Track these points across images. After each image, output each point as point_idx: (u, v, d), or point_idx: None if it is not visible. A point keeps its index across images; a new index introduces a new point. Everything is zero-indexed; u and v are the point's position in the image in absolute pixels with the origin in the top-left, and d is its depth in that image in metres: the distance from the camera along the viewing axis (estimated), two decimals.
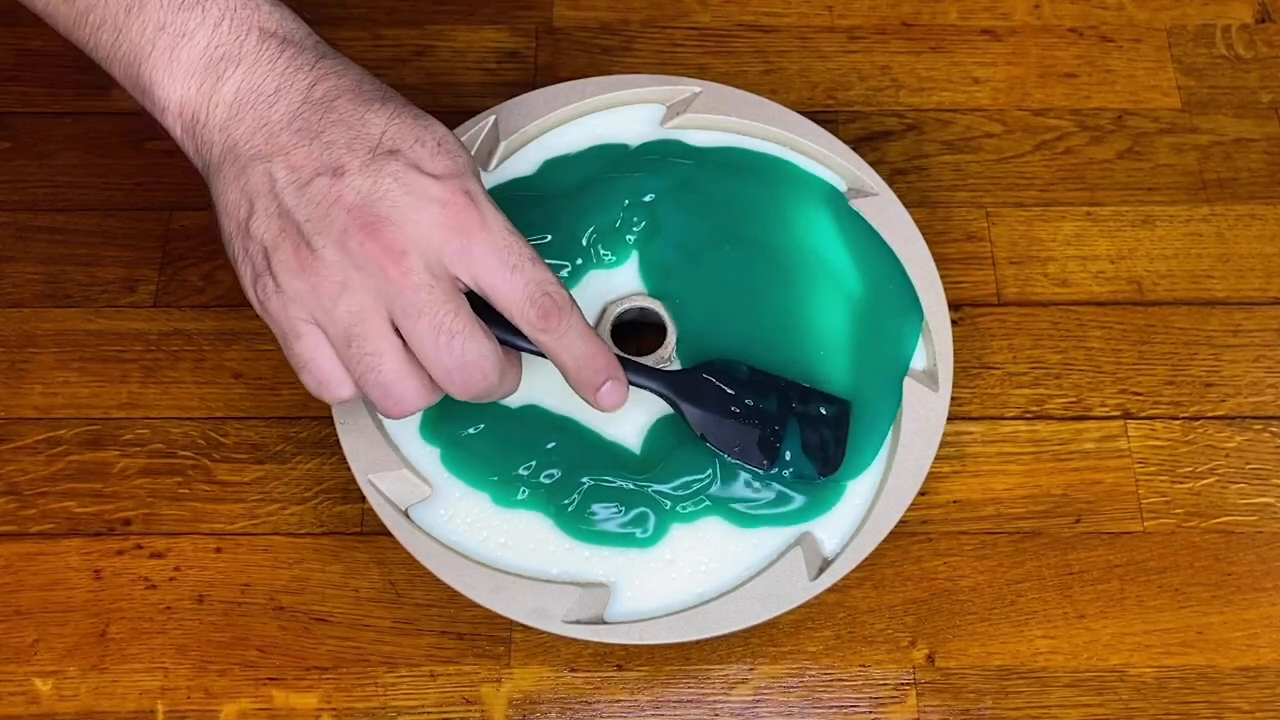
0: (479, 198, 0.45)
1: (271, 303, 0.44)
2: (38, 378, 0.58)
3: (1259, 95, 0.66)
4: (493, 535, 0.52)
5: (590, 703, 0.53)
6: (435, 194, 0.44)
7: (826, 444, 0.52)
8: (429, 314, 0.43)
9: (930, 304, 0.55)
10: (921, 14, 0.68)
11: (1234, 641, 0.54)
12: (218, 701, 0.52)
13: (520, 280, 0.45)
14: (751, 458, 0.51)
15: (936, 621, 0.54)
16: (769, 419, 0.52)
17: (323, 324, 0.44)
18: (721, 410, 0.51)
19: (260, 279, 0.44)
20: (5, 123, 0.64)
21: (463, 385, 0.45)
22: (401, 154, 0.44)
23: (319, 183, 0.43)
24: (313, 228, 0.43)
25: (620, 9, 0.68)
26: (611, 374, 0.48)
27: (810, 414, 0.52)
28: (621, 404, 0.49)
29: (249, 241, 0.44)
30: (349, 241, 0.43)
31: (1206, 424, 0.58)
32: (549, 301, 0.45)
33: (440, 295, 0.44)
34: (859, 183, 0.58)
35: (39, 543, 0.55)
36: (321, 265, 0.43)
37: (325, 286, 0.43)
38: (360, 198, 0.43)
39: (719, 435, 0.51)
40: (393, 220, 0.43)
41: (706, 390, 0.52)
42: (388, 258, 0.43)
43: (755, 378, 0.52)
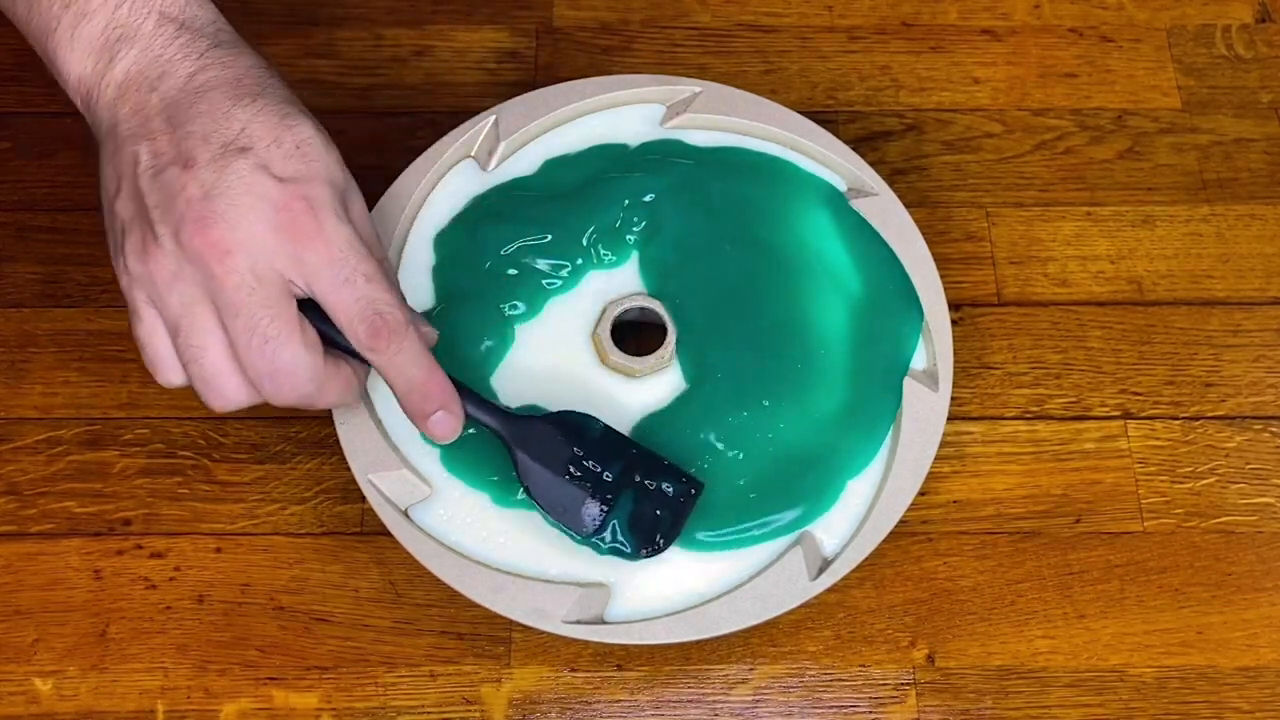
0: (321, 205, 0.44)
1: (121, 280, 0.45)
2: (38, 378, 0.58)
3: (1259, 95, 0.66)
4: (493, 535, 0.52)
5: (590, 703, 0.53)
6: (274, 197, 0.44)
7: (658, 522, 0.50)
8: (244, 315, 0.44)
9: (930, 304, 0.55)
10: (921, 14, 0.68)
11: (1234, 641, 0.54)
12: (218, 701, 0.52)
13: (350, 296, 0.44)
14: (571, 521, 0.50)
15: (936, 621, 0.54)
16: (603, 484, 0.50)
17: (159, 309, 0.45)
18: (555, 466, 0.50)
19: (116, 255, 0.46)
20: (5, 123, 0.64)
21: (273, 390, 0.45)
22: (253, 152, 0.44)
23: (170, 171, 0.44)
24: (157, 215, 0.44)
25: (620, 9, 0.68)
26: (444, 404, 0.48)
27: (651, 488, 0.50)
28: (453, 436, 0.48)
29: (112, 218, 0.46)
30: (182, 233, 0.43)
31: (1206, 424, 0.58)
32: (379, 321, 0.45)
33: (260, 298, 0.44)
34: (859, 183, 0.58)
35: (39, 543, 0.55)
36: (160, 252, 0.44)
37: (160, 274, 0.44)
38: (202, 191, 0.44)
39: (544, 491, 0.50)
40: (225, 218, 0.43)
41: (547, 441, 0.50)
42: (213, 254, 0.43)
43: (606, 438, 0.51)
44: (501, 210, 0.57)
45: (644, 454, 0.51)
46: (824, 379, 0.54)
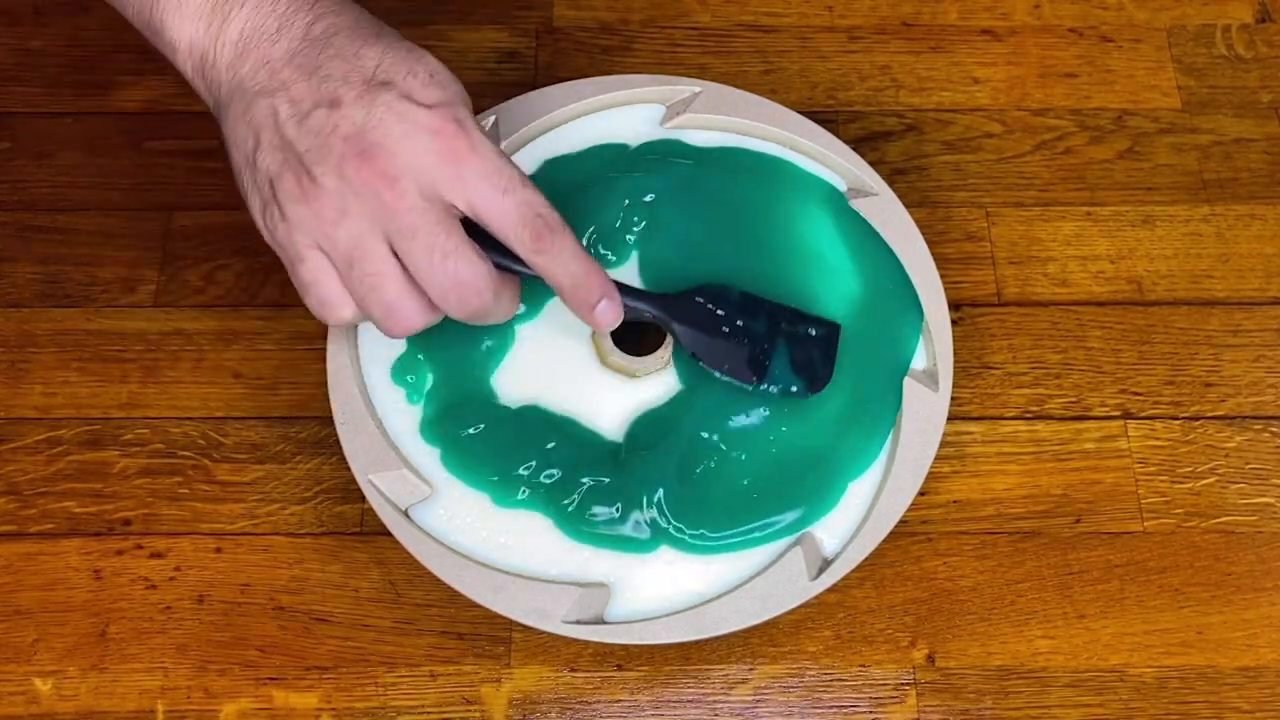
0: (468, 125, 0.46)
1: (279, 231, 0.46)
2: (38, 378, 0.58)
3: (1259, 95, 0.66)
4: (493, 535, 0.52)
5: (590, 703, 0.53)
6: (426, 122, 0.45)
7: (814, 362, 0.53)
8: (423, 235, 0.45)
9: (930, 304, 0.55)
10: (921, 14, 0.68)
11: (1234, 641, 0.54)
12: (218, 701, 0.52)
13: (511, 202, 0.46)
14: (740, 374, 0.53)
15: (936, 621, 0.54)
16: (758, 338, 0.53)
17: (326, 249, 0.46)
18: (712, 330, 0.53)
19: (268, 208, 0.46)
20: (5, 123, 0.64)
21: (458, 303, 0.47)
22: (394, 85, 0.46)
23: (317, 114, 0.45)
24: (312, 157, 0.45)
25: (620, 9, 0.68)
26: (606, 292, 0.49)
27: (798, 334, 0.53)
28: (616, 322, 0.50)
29: (256, 173, 0.46)
30: (345, 169, 0.45)
31: (1206, 424, 0.58)
32: (540, 222, 0.46)
33: (433, 217, 0.45)
34: (859, 183, 0.58)
35: (39, 543, 0.55)
36: (321, 192, 0.45)
37: (326, 213, 0.45)
38: (355, 127, 0.45)
39: (710, 353, 0.53)
40: (386, 147, 0.45)
41: (697, 312, 0.53)
42: (382, 183, 0.45)
43: (745, 300, 0.54)
44: None
45: (780, 307, 0.54)
46: None
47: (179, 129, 0.64)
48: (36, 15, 0.67)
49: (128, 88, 0.65)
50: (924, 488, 0.54)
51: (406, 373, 0.54)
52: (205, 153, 0.64)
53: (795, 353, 0.53)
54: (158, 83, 0.65)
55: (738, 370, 0.53)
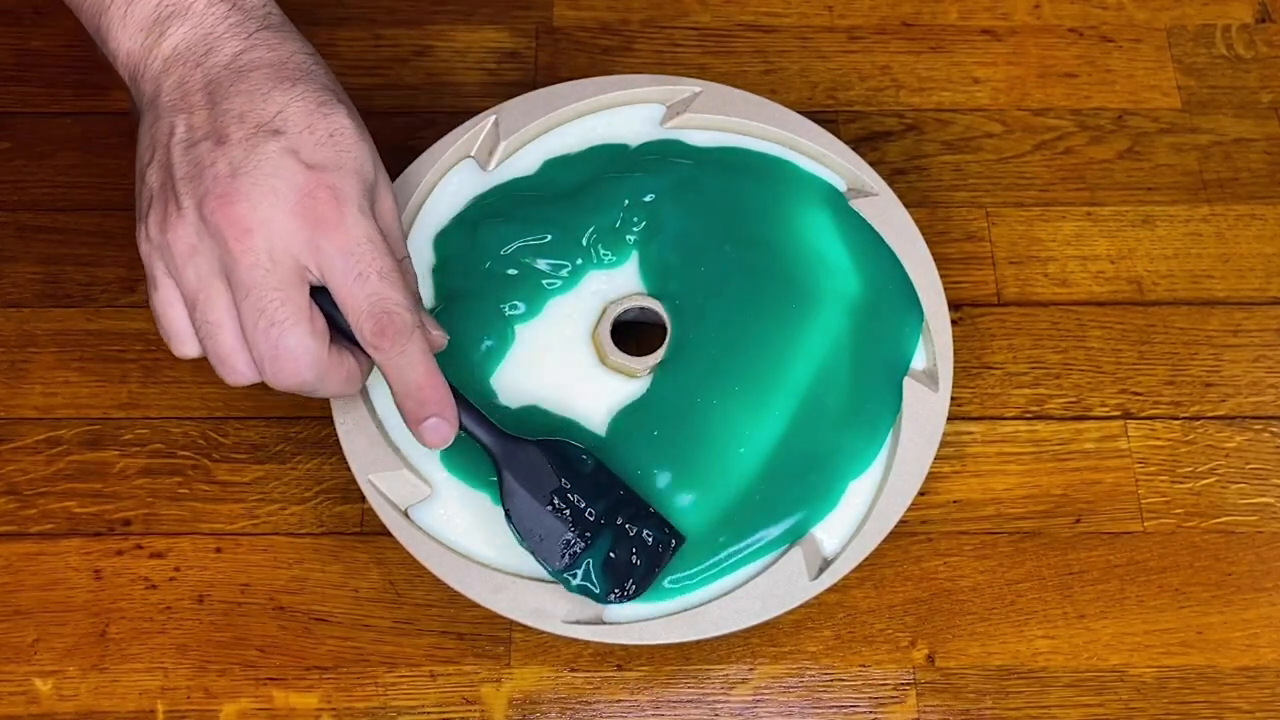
0: (346, 197, 0.45)
1: (141, 247, 0.46)
2: (38, 378, 0.58)
3: (1259, 95, 0.66)
4: (493, 535, 0.52)
5: (590, 703, 0.53)
6: (299, 182, 0.44)
7: (633, 569, 0.49)
8: (254, 296, 0.44)
9: (930, 304, 0.55)
10: (921, 14, 0.68)
11: (1234, 641, 0.54)
12: (218, 701, 0.52)
13: (361, 291, 0.45)
14: (547, 553, 0.49)
15: (936, 621, 0.54)
16: (584, 521, 0.49)
17: (176, 280, 0.45)
18: (539, 493, 0.49)
19: (140, 222, 0.46)
20: (5, 123, 0.64)
21: (273, 374, 0.45)
22: (285, 136, 0.45)
23: (203, 146, 0.45)
24: (184, 186, 0.45)
25: (620, 9, 0.68)
26: (439, 411, 0.47)
27: (632, 533, 0.49)
28: (444, 444, 0.48)
29: (141, 185, 0.46)
30: (205, 207, 0.44)
31: (1206, 424, 0.58)
32: (386, 320, 0.45)
33: (273, 280, 0.44)
34: (859, 183, 0.58)
35: (39, 543, 0.55)
36: (181, 223, 0.44)
37: (178, 245, 0.44)
38: (230, 168, 0.44)
39: (524, 517, 0.49)
40: (249, 197, 0.44)
41: (536, 467, 0.50)
42: (232, 231, 0.44)
43: (597, 476, 0.50)
44: (501, 210, 0.57)
45: (631, 497, 0.50)
46: (824, 379, 0.54)
47: None
48: (36, 15, 0.67)
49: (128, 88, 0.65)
50: (924, 488, 0.54)
51: None
52: None
53: (617, 551, 0.49)
54: None
55: (546, 546, 0.49)
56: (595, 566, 0.49)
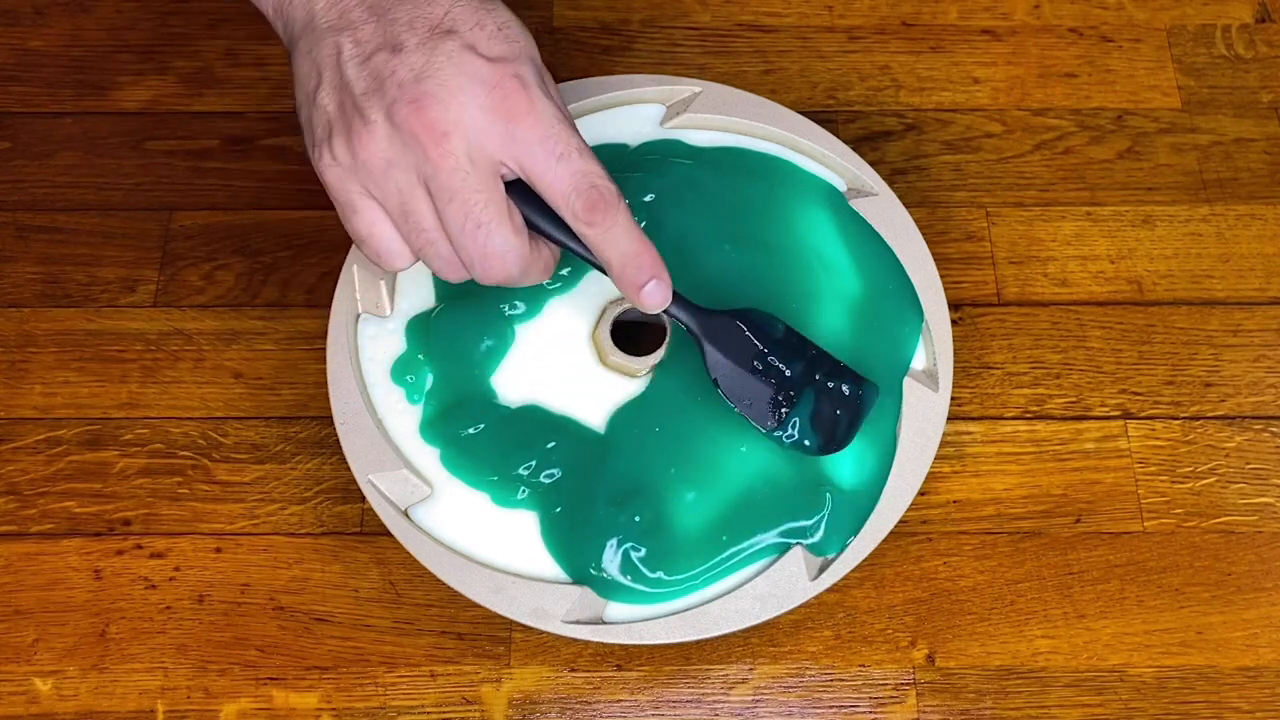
0: (530, 83, 0.45)
1: (329, 172, 0.45)
2: (38, 378, 0.58)
3: (1259, 95, 0.66)
4: (493, 535, 0.52)
5: (590, 703, 0.53)
6: (484, 76, 0.44)
7: (837, 421, 0.51)
8: (459, 200, 0.44)
9: (930, 304, 0.55)
10: (921, 14, 0.68)
11: (1234, 641, 0.54)
12: (218, 701, 0.52)
13: (566, 170, 0.45)
14: (758, 415, 0.50)
15: (936, 621, 0.54)
16: (786, 382, 0.51)
17: (377, 197, 0.45)
18: (742, 361, 0.50)
19: (319, 147, 0.46)
20: (5, 123, 0.64)
21: (482, 273, 0.46)
22: (459, 34, 0.44)
23: (379, 57, 0.44)
24: (367, 100, 0.44)
25: (620, 9, 0.68)
26: (656, 273, 0.47)
27: (830, 388, 0.51)
28: (665, 304, 0.48)
29: (314, 110, 0.46)
30: (395, 115, 0.44)
31: (1206, 424, 0.58)
32: (595, 194, 0.45)
33: (474, 182, 0.44)
34: (859, 183, 0.58)
35: (39, 543, 0.55)
36: (371, 139, 0.44)
37: (374, 161, 0.44)
38: (413, 74, 0.44)
39: (732, 384, 0.50)
40: (439, 99, 0.44)
41: (734, 337, 0.51)
42: (429, 136, 0.43)
43: (789, 338, 0.51)
44: None
45: (823, 354, 0.52)
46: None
47: (179, 129, 0.64)
48: (36, 15, 0.67)
49: (128, 88, 0.65)
50: (924, 488, 0.54)
51: (406, 373, 0.54)
52: (205, 153, 0.64)
53: (821, 407, 0.51)
54: (158, 83, 0.65)
55: (756, 410, 0.50)
56: (804, 424, 0.51)
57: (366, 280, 0.55)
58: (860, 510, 0.52)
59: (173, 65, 0.66)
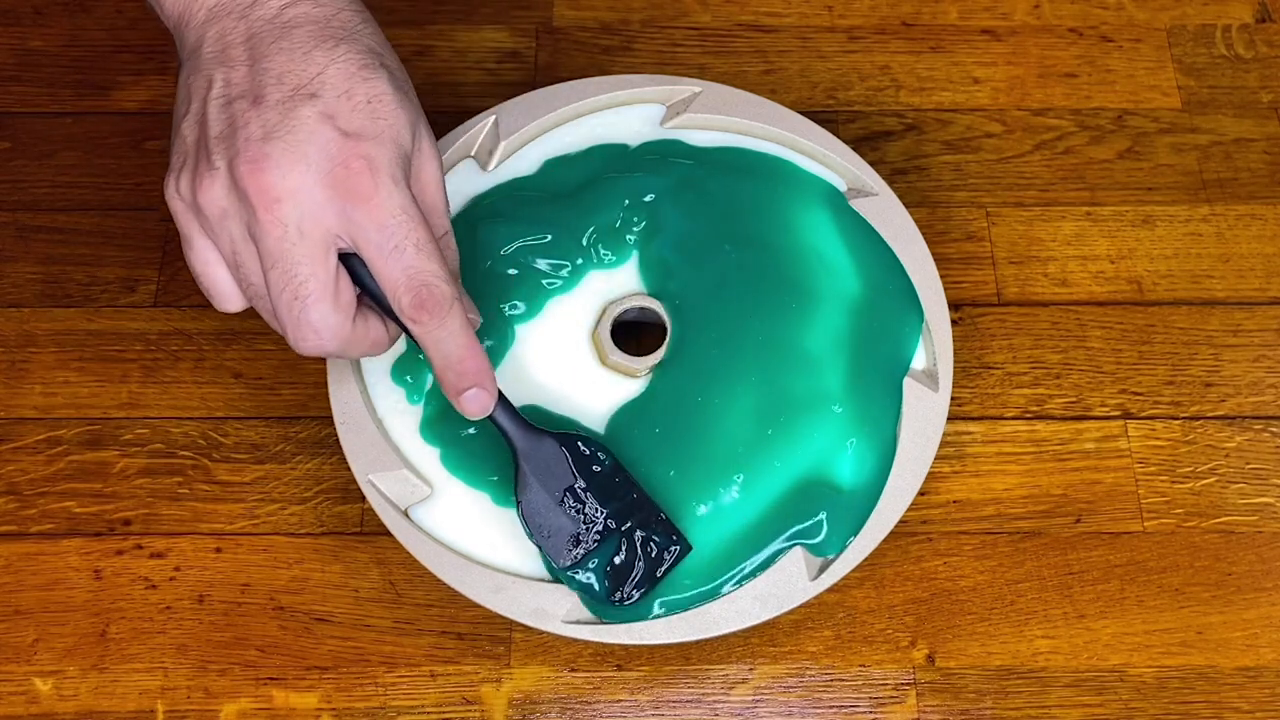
0: (380, 167, 0.43)
1: (173, 203, 0.45)
2: (38, 378, 0.58)
3: (1259, 95, 0.66)
4: (493, 535, 0.52)
5: (590, 703, 0.53)
6: (333, 151, 0.43)
7: (635, 575, 0.49)
8: (280, 268, 0.43)
9: (930, 304, 0.55)
10: (921, 14, 0.68)
11: (1234, 641, 0.54)
12: (218, 701, 0.53)
13: (398, 264, 0.44)
14: (554, 550, 0.49)
15: (936, 621, 0.54)
16: (594, 522, 0.49)
17: (211, 239, 0.45)
18: (553, 490, 0.49)
19: (171, 173, 0.45)
20: (5, 123, 0.64)
21: (295, 343, 0.45)
22: (320, 99, 0.43)
23: (239, 104, 0.44)
24: (216, 145, 0.44)
25: (620, 9, 0.68)
26: (479, 382, 0.47)
27: (639, 539, 0.49)
28: (484, 413, 0.47)
29: (176, 137, 0.45)
30: (235, 169, 0.43)
31: (1206, 424, 0.58)
32: (425, 293, 0.44)
33: (300, 253, 0.43)
34: (859, 183, 0.58)
35: (39, 543, 0.55)
36: (212, 185, 0.43)
37: (211, 208, 0.44)
38: (262, 131, 0.43)
39: (535, 512, 0.49)
40: (278, 164, 0.42)
41: (554, 463, 0.49)
42: (261, 200, 0.42)
43: (612, 476, 0.50)
44: (501, 210, 0.57)
45: (643, 500, 0.50)
46: (824, 380, 0.54)
47: None
48: (36, 15, 0.67)
49: (128, 88, 0.65)
50: (924, 488, 0.54)
51: (406, 373, 0.54)
52: None
53: (624, 554, 0.49)
54: (158, 82, 0.65)
55: (553, 543, 0.49)
56: (599, 568, 0.49)
57: None
58: (860, 510, 0.52)
59: (173, 65, 0.66)
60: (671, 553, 0.50)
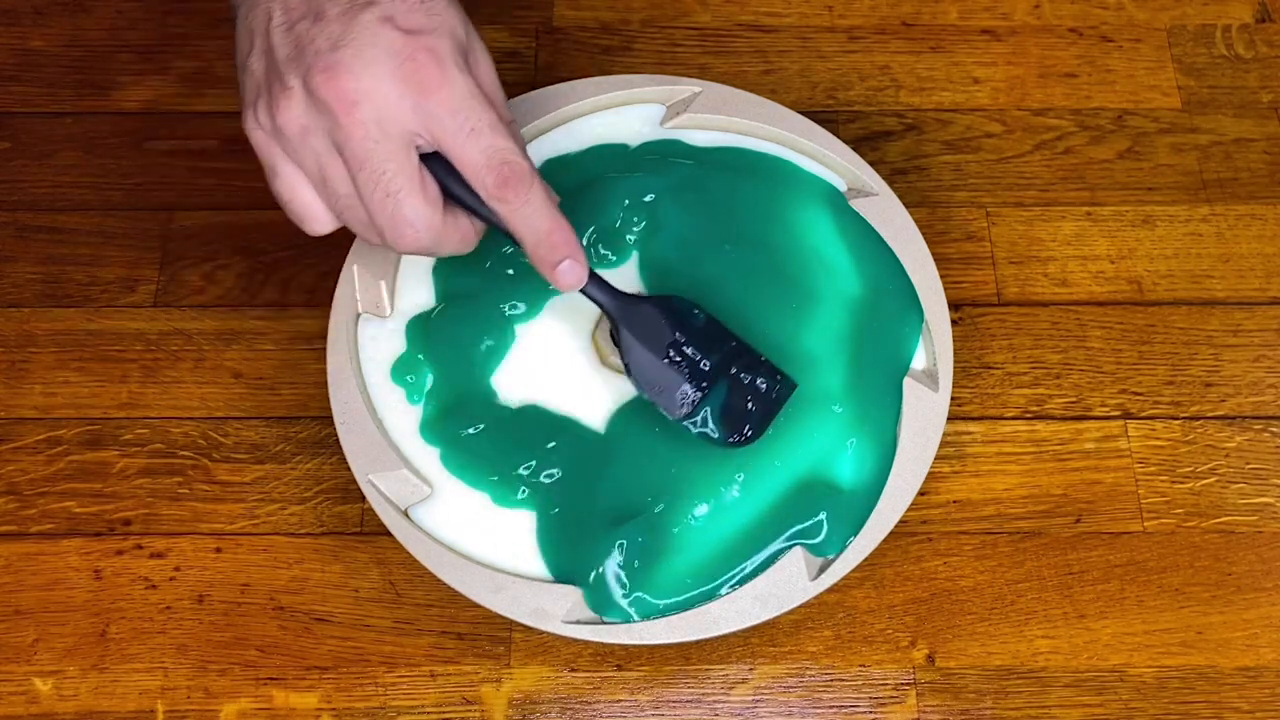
0: (444, 56, 0.45)
1: (254, 135, 0.46)
2: (38, 378, 0.58)
3: (1259, 95, 0.66)
4: (493, 535, 0.52)
5: (590, 703, 0.53)
6: (398, 47, 0.44)
7: (748, 415, 0.51)
8: (369, 168, 0.45)
9: (930, 304, 0.55)
10: (921, 14, 0.68)
11: (1234, 641, 0.54)
12: (218, 701, 0.53)
13: (476, 146, 0.45)
14: (668, 403, 0.51)
15: (936, 621, 0.54)
16: (700, 372, 0.51)
17: (297, 162, 0.46)
18: (656, 347, 0.51)
19: (247, 109, 0.46)
20: (5, 123, 0.64)
21: (393, 240, 0.46)
22: (378, 5, 0.45)
23: (301, 25, 0.45)
24: (287, 67, 0.45)
25: (620, 9, 0.68)
26: (571, 253, 0.48)
27: (746, 381, 0.51)
28: (580, 284, 0.49)
29: (244, 75, 0.46)
30: (310, 82, 0.44)
31: (1206, 424, 0.58)
32: (507, 170, 0.45)
33: (384, 151, 0.45)
34: (859, 183, 0.58)
35: (39, 543, 0.55)
36: (289, 104, 0.45)
37: (291, 127, 0.45)
38: (329, 42, 0.44)
39: (643, 369, 0.51)
40: (351, 68, 0.44)
41: (651, 323, 0.51)
42: (340, 105, 0.44)
43: (709, 328, 0.52)
44: None
45: (743, 347, 0.52)
46: (824, 379, 0.54)
47: (179, 129, 0.64)
48: (36, 15, 0.67)
49: (128, 88, 0.65)
50: (924, 488, 0.54)
51: (406, 373, 0.54)
52: (205, 153, 0.64)
53: (733, 399, 0.51)
54: (158, 83, 0.65)
55: (666, 398, 0.51)
56: (714, 415, 0.51)
57: (366, 280, 0.55)
58: (860, 510, 0.52)
59: (173, 65, 0.66)
60: (780, 390, 0.51)
